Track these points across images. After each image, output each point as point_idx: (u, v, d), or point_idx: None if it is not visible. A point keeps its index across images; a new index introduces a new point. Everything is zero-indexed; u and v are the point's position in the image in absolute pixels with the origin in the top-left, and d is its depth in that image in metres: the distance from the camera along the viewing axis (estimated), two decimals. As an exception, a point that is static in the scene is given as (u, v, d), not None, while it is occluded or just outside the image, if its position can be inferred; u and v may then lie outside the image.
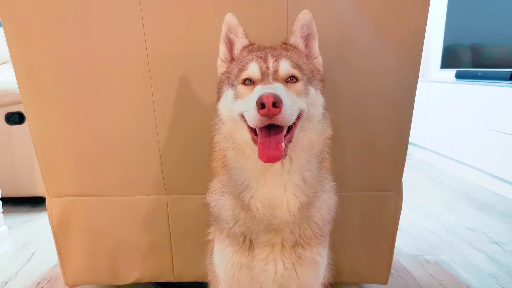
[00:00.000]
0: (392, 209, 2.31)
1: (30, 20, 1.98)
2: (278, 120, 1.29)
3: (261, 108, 1.26)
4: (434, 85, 6.15)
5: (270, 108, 1.25)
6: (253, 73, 1.48)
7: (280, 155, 1.32)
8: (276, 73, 1.46)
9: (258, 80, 1.47)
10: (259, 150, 1.35)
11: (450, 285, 2.75)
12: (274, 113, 1.26)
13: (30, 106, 2.11)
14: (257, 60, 1.50)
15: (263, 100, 1.25)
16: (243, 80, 1.50)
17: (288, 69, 1.47)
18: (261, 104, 1.26)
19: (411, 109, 2.15)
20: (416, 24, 2.01)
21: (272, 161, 1.33)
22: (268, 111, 1.26)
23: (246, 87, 1.49)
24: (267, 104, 1.25)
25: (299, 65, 1.52)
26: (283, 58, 1.49)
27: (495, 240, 3.51)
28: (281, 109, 1.27)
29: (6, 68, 4.89)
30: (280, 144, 1.33)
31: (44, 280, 2.85)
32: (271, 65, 1.47)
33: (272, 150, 1.33)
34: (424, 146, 6.40)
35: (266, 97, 1.25)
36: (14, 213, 4.21)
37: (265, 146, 1.34)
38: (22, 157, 4.12)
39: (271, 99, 1.25)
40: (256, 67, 1.48)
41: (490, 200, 4.56)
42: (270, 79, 1.44)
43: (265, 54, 1.51)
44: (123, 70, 2.05)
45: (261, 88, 1.39)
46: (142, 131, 2.14)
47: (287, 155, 1.41)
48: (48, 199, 2.28)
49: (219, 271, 1.68)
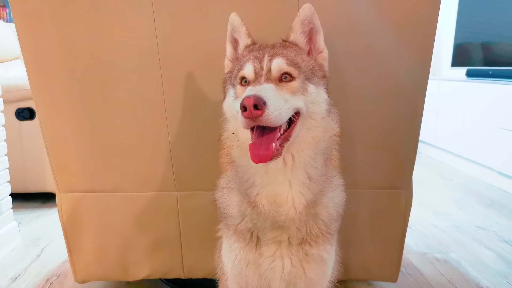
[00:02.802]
0: (402, 206, 2.30)
1: (42, 16, 1.98)
2: (262, 121, 1.28)
3: (244, 110, 1.26)
4: (444, 83, 6.14)
5: (252, 111, 1.25)
6: (247, 74, 1.48)
7: (270, 155, 1.32)
8: (269, 72, 1.45)
9: (252, 80, 1.47)
10: (250, 151, 1.34)
11: (459, 283, 2.75)
12: (256, 115, 1.26)
13: (40, 102, 2.12)
14: (253, 60, 1.49)
15: (244, 103, 1.25)
16: (240, 80, 1.51)
17: (281, 67, 1.45)
18: (243, 106, 1.26)
19: (422, 106, 2.14)
20: (428, 19, 2.00)
21: (263, 161, 1.32)
22: (250, 113, 1.26)
23: (242, 87, 1.49)
24: (248, 106, 1.25)
25: (296, 63, 1.50)
26: (277, 57, 1.48)
27: (505, 238, 3.50)
28: (263, 111, 1.26)
29: (17, 64, 4.91)
30: (271, 144, 1.33)
31: (53, 276, 2.86)
32: (265, 65, 1.46)
33: (262, 150, 1.32)
34: (434, 144, 6.39)
35: (247, 100, 1.25)
36: (24, 209, 4.23)
37: (256, 147, 1.34)
38: (33, 153, 4.14)
39: (252, 102, 1.24)
40: (250, 67, 1.48)
41: (500, 198, 4.55)
42: (262, 79, 1.43)
43: (262, 54, 1.51)
44: (134, 66, 2.05)
45: (249, 90, 1.39)
46: (153, 127, 2.14)
47: (280, 154, 1.39)
48: (58, 195, 2.28)
49: (227, 268, 1.68)
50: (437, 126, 6.29)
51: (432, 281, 2.77)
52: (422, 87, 2.11)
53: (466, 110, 5.54)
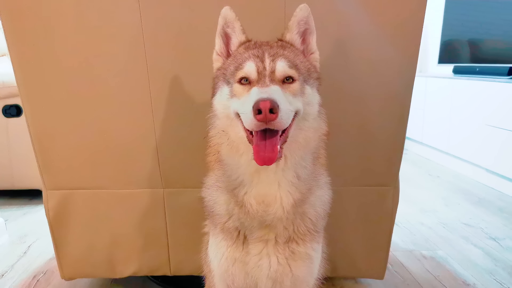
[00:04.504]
0: (389, 203, 2.31)
1: (28, 12, 1.97)
2: (275, 125, 1.27)
3: (258, 113, 1.24)
4: (431, 80, 6.17)
5: (267, 115, 1.24)
6: (250, 73, 1.45)
7: (276, 157, 1.31)
8: (273, 74, 1.43)
9: (254, 80, 1.44)
10: (255, 153, 1.33)
11: (446, 281, 2.76)
12: (271, 119, 1.25)
13: (27, 99, 2.11)
14: (254, 59, 1.46)
15: (260, 106, 1.23)
16: (239, 79, 1.47)
17: (285, 70, 1.44)
18: (257, 110, 1.24)
19: (409, 103, 2.15)
20: (414, 17, 2.01)
21: (268, 164, 1.32)
22: (265, 117, 1.24)
23: (242, 86, 1.46)
24: (264, 110, 1.23)
25: (296, 65, 1.48)
26: (280, 58, 1.46)
27: (492, 235, 3.52)
28: (277, 115, 1.25)
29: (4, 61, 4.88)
30: (275, 146, 1.32)
31: (40, 273, 2.86)
32: (268, 65, 1.44)
33: (267, 152, 1.31)
34: (421, 141, 6.42)
35: (263, 103, 1.23)
36: (11, 206, 4.23)
37: (261, 149, 1.32)
38: (19, 149, 4.12)
39: (268, 105, 1.23)
40: (253, 66, 1.45)
41: (487, 196, 4.58)
42: (267, 80, 1.41)
43: (262, 53, 1.48)
44: (120, 63, 2.05)
45: (258, 91, 1.36)
46: (140, 125, 2.14)
47: (282, 156, 1.39)
48: (45, 192, 2.27)
49: (214, 265, 1.68)
50: (424, 123, 6.32)
51: (419, 278, 2.78)
52: (409, 84, 2.12)
53: (453, 107, 5.57)
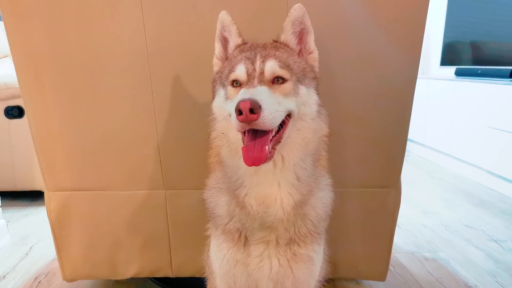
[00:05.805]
0: (391, 205, 2.31)
1: (31, 14, 1.97)
2: (258, 125, 1.28)
3: (239, 114, 1.25)
4: (433, 82, 6.16)
5: (248, 115, 1.24)
6: (240, 75, 1.47)
7: (264, 158, 1.31)
8: (262, 74, 1.44)
9: (244, 82, 1.46)
10: (243, 153, 1.34)
11: (448, 282, 2.76)
12: (252, 119, 1.26)
13: (29, 100, 2.11)
14: (245, 62, 1.48)
15: (240, 106, 1.24)
16: (231, 81, 1.49)
17: (275, 70, 1.45)
18: (238, 110, 1.25)
19: (411, 104, 2.14)
20: (416, 19, 2.01)
21: (256, 164, 1.32)
22: (246, 117, 1.25)
23: (234, 88, 1.48)
24: (244, 110, 1.24)
25: (288, 65, 1.49)
26: (270, 59, 1.47)
27: (494, 237, 3.51)
28: (259, 115, 1.26)
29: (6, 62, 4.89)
30: (264, 147, 1.32)
31: (42, 274, 2.85)
32: (257, 67, 1.45)
33: (255, 153, 1.32)
34: (423, 143, 6.40)
35: (243, 104, 1.24)
36: (13, 207, 4.22)
37: (249, 149, 1.33)
38: (21, 151, 4.12)
39: (248, 105, 1.24)
40: (243, 69, 1.46)
41: (489, 198, 4.57)
42: (255, 81, 1.42)
43: (254, 55, 1.49)
44: (123, 65, 2.05)
45: (243, 92, 1.38)
46: (142, 126, 2.13)
47: (273, 157, 1.39)
48: (46, 193, 2.27)
49: (215, 267, 1.68)
50: (426, 125, 6.30)
51: (420, 280, 2.78)
52: (411, 86, 2.11)
53: (455, 109, 5.56)
